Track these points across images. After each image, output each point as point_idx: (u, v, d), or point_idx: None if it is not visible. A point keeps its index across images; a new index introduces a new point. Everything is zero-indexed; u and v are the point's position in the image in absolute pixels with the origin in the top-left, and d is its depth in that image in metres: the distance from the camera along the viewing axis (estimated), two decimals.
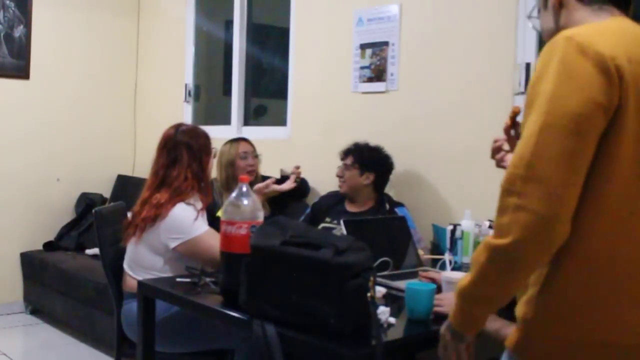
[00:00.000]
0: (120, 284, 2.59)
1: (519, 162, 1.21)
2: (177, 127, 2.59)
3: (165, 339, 2.37)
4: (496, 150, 1.74)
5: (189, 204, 2.45)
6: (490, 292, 1.28)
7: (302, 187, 3.59)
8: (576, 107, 1.19)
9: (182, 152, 2.50)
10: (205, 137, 2.59)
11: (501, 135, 1.75)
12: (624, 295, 1.25)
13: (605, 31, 1.27)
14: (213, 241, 2.32)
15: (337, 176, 3.13)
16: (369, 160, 3.07)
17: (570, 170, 1.19)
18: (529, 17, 1.59)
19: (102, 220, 2.67)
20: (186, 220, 2.41)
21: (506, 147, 1.76)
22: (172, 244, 2.41)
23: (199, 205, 2.49)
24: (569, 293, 1.25)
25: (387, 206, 3.05)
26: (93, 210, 2.71)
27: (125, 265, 2.55)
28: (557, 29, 1.40)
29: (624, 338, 1.25)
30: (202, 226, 2.43)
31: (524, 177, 1.20)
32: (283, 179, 3.50)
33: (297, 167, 3.50)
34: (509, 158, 1.71)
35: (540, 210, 1.17)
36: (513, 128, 1.71)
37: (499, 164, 1.75)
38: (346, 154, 3.12)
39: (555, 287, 1.26)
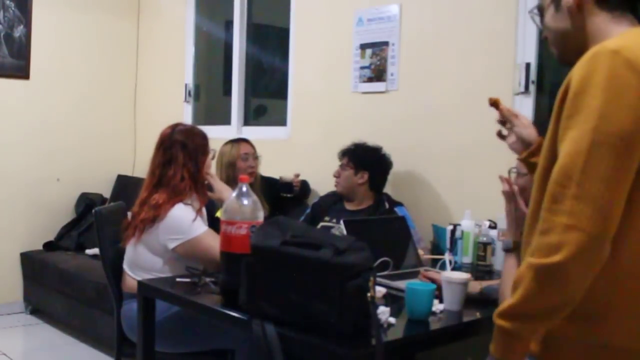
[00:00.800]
0: (120, 284, 2.59)
1: (567, 180, 1.19)
2: (174, 126, 2.59)
3: (165, 339, 2.37)
4: (502, 122, 1.78)
5: (187, 204, 2.45)
6: (539, 308, 1.24)
7: (303, 189, 3.59)
8: (626, 126, 1.17)
9: (178, 152, 2.50)
10: (202, 137, 2.59)
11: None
12: None
13: None
14: (212, 241, 2.32)
15: (334, 176, 3.15)
16: (362, 160, 3.09)
17: (618, 188, 1.18)
18: (531, 12, 1.57)
19: (102, 220, 2.67)
20: (185, 220, 2.41)
21: (504, 132, 1.79)
22: (171, 245, 2.41)
23: (197, 205, 2.49)
24: (594, 299, 1.24)
25: (387, 205, 3.06)
26: (93, 210, 2.71)
27: (125, 266, 2.55)
28: (574, 31, 1.39)
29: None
30: (201, 226, 2.43)
31: (574, 195, 1.17)
32: (283, 186, 3.50)
33: (297, 176, 3.50)
34: (511, 138, 1.75)
35: (591, 230, 1.16)
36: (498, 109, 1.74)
37: (500, 135, 1.82)
38: (343, 154, 3.15)
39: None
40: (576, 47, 1.36)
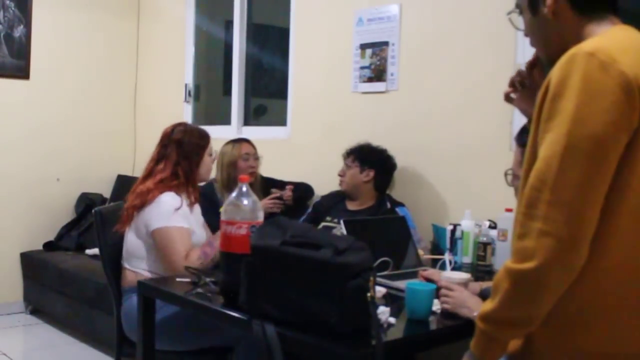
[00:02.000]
0: (120, 283, 2.59)
1: (542, 185, 1.19)
2: (176, 125, 2.66)
3: (166, 337, 2.37)
4: (513, 84, 1.65)
5: (178, 194, 2.51)
6: (516, 315, 1.26)
7: (300, 199, 3.50)
8: (600, 130, 1.16)
9: (172, 149, 2.57)
10: (201, 137, 2.64)
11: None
12: (630, 307, 1.24)
13: (624, 47, 1.24)
14: (179, 242, 2.40)
15: (339, 175, 3.16)
16: (368, 158, 3.11)
17: (592, 193, 1.17)
18: (509, 13, 1.55)
19: (102, 220, 2.67)
20: (169, 207, 2.47)
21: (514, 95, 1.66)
22: (151, 227, 2.46)
23: (186, 202, 2.55)
24: (576, 304, 1.24)
25: (388, 205, 3.07)
26: (93, 210, 2.72)
27: (122, 260, 2.58)
28: (555, 36, 1.38)
29: (629, 347, 1.25)
30: (180, 221, 2.47)
31: (548, 201, 1.17)
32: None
33: (290, 189, 3.38)
34: (518, 96, 1.63)
35: (565, 235, 1.16)
36: (534, 68, 1.61)
37: (507, 98, 1.67)
38: (348, 154, 3.17)
39: (563, 298, 1.24)
40: (559, 49, 1.34)
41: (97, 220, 2.67)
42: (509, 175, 1.89)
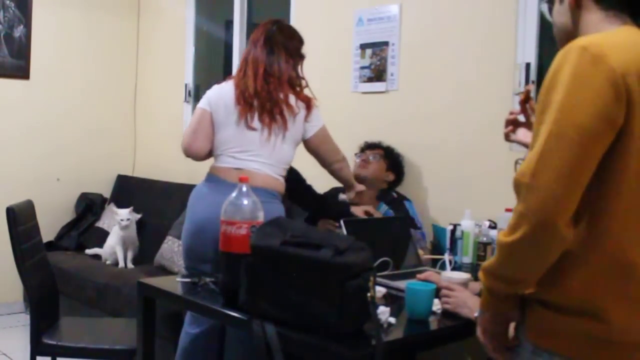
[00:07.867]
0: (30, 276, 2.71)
1: (527, 170, 1.24)
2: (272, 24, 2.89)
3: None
4: (509, 123, 1.75)
5: None
6: (504, 275, 1.33)
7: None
8: (584, 120, 1.20)
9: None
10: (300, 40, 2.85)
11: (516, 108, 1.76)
12: (632, 298, 1.27)
13: (619, 44, 1.27)
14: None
15: (362, 160, 3.13)
16: (395, 161, 3.15)
17: (571, 181, 1.21)
18: (544, 1, 1.60)
19: (14, 218, 2.70)
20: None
21: (521, 118, 1.75)
22: (317, 129, 2.67)
23: None
24: (590, 293, 1.27)
25: (395, 195, 3.06)
26: (6, 208, 2.70)
27: (258, 165, 2.57)
28: (572, 27, 1.42)
29: (630, 336, 1.27)
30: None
31: (527, 185, 1.23)
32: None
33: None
34: (520, 133, 1.73)
35: (536, 219, 1.21)
36: (527, 102, 1.71)
37: (507, 137, 1.76)
38: (374, 146, 3.17)
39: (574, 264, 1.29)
40: (572, 39, 1.37)
41: (10, 217, 2.68)
42: (518, 165, 1.89)
